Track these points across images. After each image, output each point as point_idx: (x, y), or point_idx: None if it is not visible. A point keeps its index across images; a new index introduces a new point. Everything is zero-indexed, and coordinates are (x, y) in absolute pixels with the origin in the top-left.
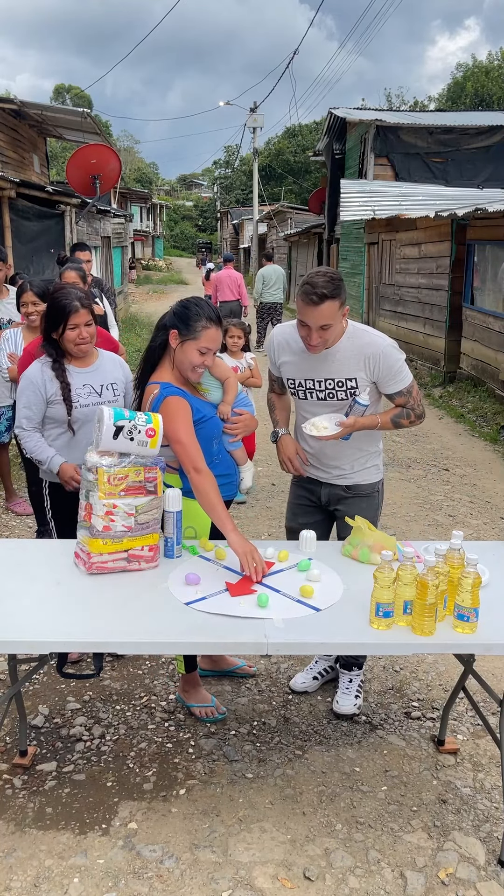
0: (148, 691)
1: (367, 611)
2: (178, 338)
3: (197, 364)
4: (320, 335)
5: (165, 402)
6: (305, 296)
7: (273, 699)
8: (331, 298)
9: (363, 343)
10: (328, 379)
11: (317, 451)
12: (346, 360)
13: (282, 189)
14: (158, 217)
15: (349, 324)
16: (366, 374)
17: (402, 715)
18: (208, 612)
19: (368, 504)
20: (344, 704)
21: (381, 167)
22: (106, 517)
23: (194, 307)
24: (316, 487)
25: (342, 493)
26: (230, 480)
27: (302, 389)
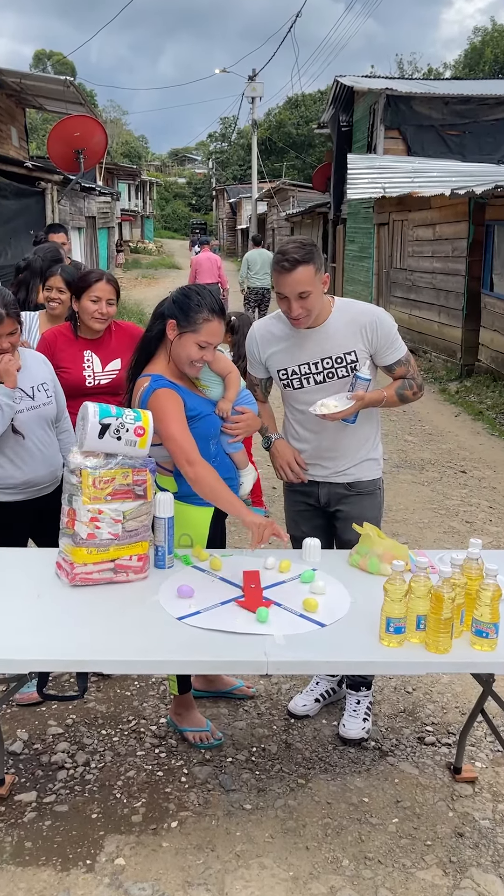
0: (137, 714)
1: (377, 626)
2: (176, 329)
3: (195, 359)
4: (301, 305)
5: (154, 396)
6: (277, 264)
7: (274, 723)
8: (304, 263)
9: (356, 312)
10: (324, 358)
11: (314, 444)
12: (341, 333)
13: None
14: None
15: (335, 299)
16: (364, 344)
17: (414, 740)
18: (203, 628)
19: (371, 503)
20: (351, 728)
21: (392, 140)
22: (90, 524)
23: (196, 296)
24: (313, 489)
25: (343, 492)
26: (229, 485)
27: (297, 377)
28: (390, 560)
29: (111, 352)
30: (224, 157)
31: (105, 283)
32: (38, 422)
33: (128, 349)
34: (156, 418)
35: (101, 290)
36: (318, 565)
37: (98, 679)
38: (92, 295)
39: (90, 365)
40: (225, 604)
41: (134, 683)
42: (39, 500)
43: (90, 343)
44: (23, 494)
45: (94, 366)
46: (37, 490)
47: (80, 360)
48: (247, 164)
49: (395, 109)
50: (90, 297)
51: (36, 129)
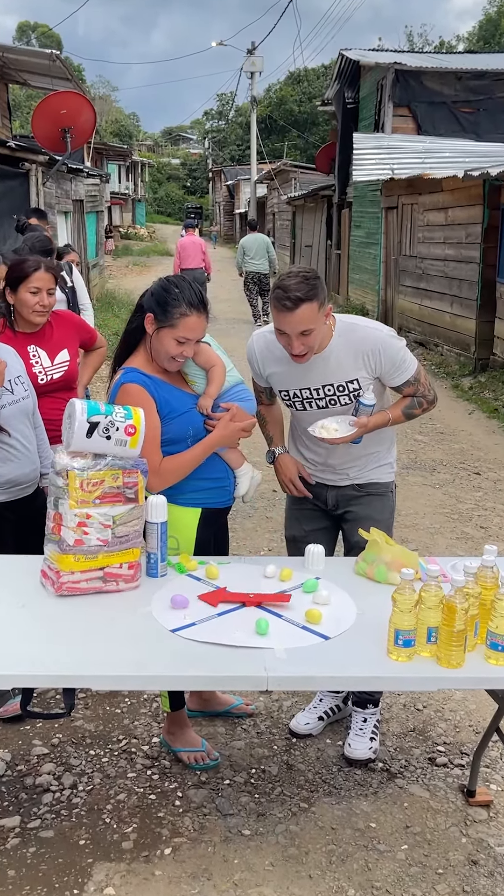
0: (127, 734)
1: (385, 639)
2: (154, 323)
3: (174, 354)
4: (302, 342)
5: (122, 391)
6: (278, 301)
7: (274, 743)
8: (307, 301)
9: (357, 339)
10: (326, 385)
11: (323, 458)
12: (343, 361)
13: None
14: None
15: (336, 319)
16: (367, 371)
17: (425, 761)
18: (198, 641)
19: (383, 505)
20: (357, 748)
21: (401, 118)
22: (78, 529)
23: (174, 289)
24: (321, 490)
25: (353, 493)
26: (220, 485)
27: (298, 400)
28: (399, 568)
29: (56, 343)
30: (221, 137)
31: (44, 271)
32: (19, 417)
33: (72, 339)
34: None
35: (41, 280)
36: (321, 573)
37: (86, 696)
38: (31, 286)
39: (38, 360)
40: (222, 615)
41: (124, 700)
42: (21, 502)
43: (31, 337)
44: (6, 494)
45: (42, 361)
46: (20, 489)
47: (25, 357)
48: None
49: (404, 85)
50: (29, 289)
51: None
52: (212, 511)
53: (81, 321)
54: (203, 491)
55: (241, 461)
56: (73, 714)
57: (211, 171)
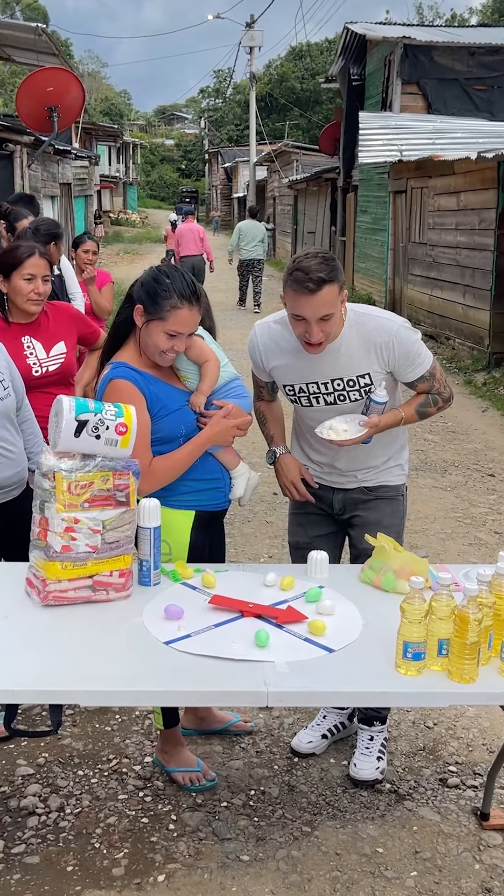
0: (118, 753)
1: (392, 652)
2: (144, 316)
3: (164, 349)
4: (321, 328)
5: (110, 387)
6: (298, 284)
7: (275, 762)
8: (329, 282)
9: (370, 329)
10: (335, 379)
11: (330, 459)
12: (354, 353)
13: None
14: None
15: (347, 310)
16: (379, 365)
17: (435, 782)
18: (193, 654)
19: (392, 509)
20: (363, 769)
21: (410, 96)
22: (65, 535)
23: (164, 280)
24: (326, 493)
25: (361, 496)
26: (214, 486)
27: (305, 395)
28: (408, 576)
29: (52, 334)
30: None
31: (38, 258)
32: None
33: (69, 331)
34: None
35: (35, 267)
36: (325, 582)
37: (74, 712)
38: (25, 273)
39: (33, 352)
40: (219, 626)
41: (115, 717)
42: (5, 507)
43: (26, 328)
44: None
45: (38, 352)
46: (4, 493)
47: (19, 348)
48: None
49: (413, 61)
50: (22, 276)
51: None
52: (206, 514)
53: (80, 314)
54: (196, 492)
55: (237, 461)
56: (59, 732)
57: (207, 152)
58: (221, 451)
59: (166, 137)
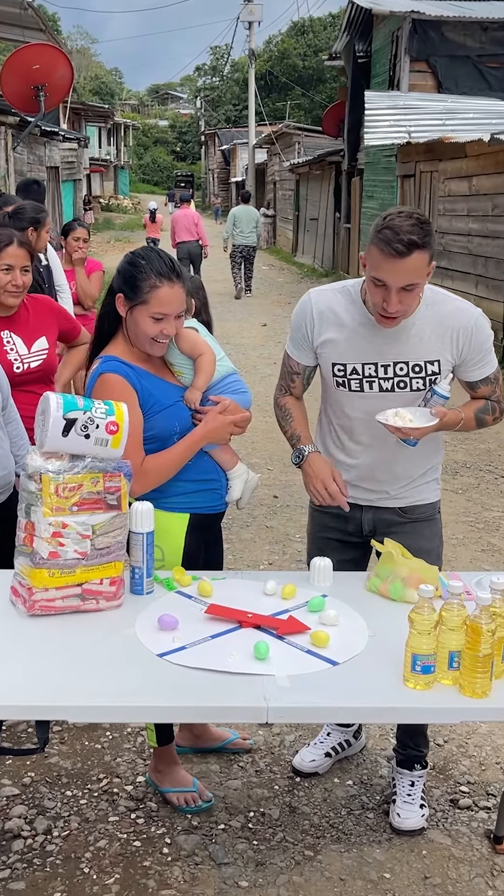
0: (108, 772)
1: (400, 665)
2: (125, 304)
3: (153, 335)
4: (402, 300)
5: (100, 382)
6: (387, 244)
7: (275, 782)
8: (420, 248)
9: (448, 312)
10: (399, 363)
11: (365, 462)
12: (427, 335)
13: (287, 104)
14: (123, 141)
15: (425, 289)
16: (451, 353)
17: (446, 803)
18: (189, 667)
19: (430, 531)
20: (408, 818)
21: (419, 74)
22: (53, 540)
23: (139, 261)
24: (354, 513)
25: (394, 518)
26: (209, 487)
27: (357, 378)
28: (417, 584)
29: (33, 329)
30: (215, 96)
31: (17, 247)
32: None
33: (50, 326)
34: None
35: (13, 257)
36: (329, 590)
37: (61, 729)
38: (2, 263)
39: (13, 348)
40: (216, 637)
41: (105, 734)
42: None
43: (5, 322)
44: None
45: (18, 348)
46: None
47: None
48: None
49: (422, 37)
50: (0, 267)
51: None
52: (201, 517)
53: (61, 308)
54: (190, 494)
55: (235, 461)
56: (46, 750)
57: (203, 134)
58: (218, 449)
59: (160, 118)
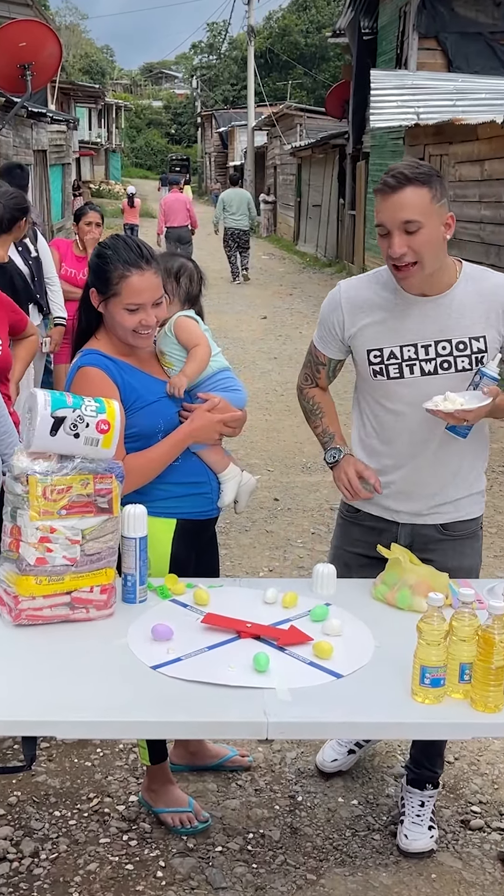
0: (99, 791)
1: (408, 677)
2: (98, 297)
3: (132, 327)
4: (407, 242)
5: (79, 375)
6: (380, 184)
7: (276, 802)
8: (416, 183)
9: (492, 285)
10: (441, 341)
11: (404, 466)
12: (468, 310)
13: (288, 84)
14: (114, 123)
15: (463, 264)
16: (499, 329)
17: (457, 824)
18: (184, 680)
19: (472, 549)
20: (416, 839)
21: (428, 52)
22: (40, 545)
23: (106, 252)
24: (391, 527)
25: (435, 535)
26: (198, 491)
27: (395, 363)
28: (426, 592)
29: None
30: (212, 75)
31: None
32: None
33: (1, 321)
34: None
35: None
36: (332, 599)
37: (49, 745)
38: None
39: None
40: (213, 648)
41: (96, 751)
42: None
43: None
44: None
45: None
46: None
47: None
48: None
49: (431, 12)
50: None
51: None
52: (189, 523)
53: (7, 299)
54: (177, 498)
55: (226, 463)
56: (33, 767)
57: (200, 115)
58: (207, 450)
59: (154, 99)
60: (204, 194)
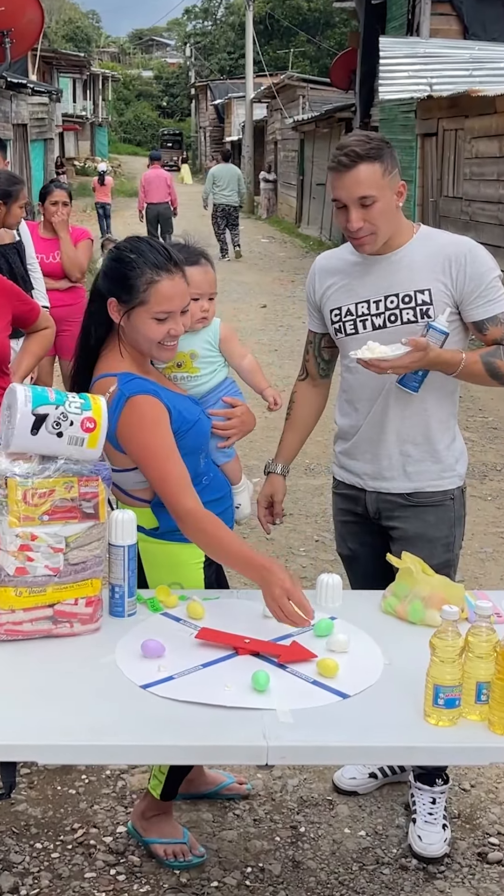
0: (84, 821)
1: (420, 698)
2: (120, 309)
3: (160, 338)
4: (363, 216)
5: (130, 407)
6: (332, 161)
7: (276, 833)
8: (367, 160)
9: (442, 242)
10: (389, 295)
11: (359, 425)
12: (418, 265)
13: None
14: (101, 95)
15: (420, 226)
16: (445, 283)
17: (473, 857)
18: (177, 700)
19: (439, 518)
20: (432, 842)
21: (442, 18)
22: (20, 554)
23: (129, 255)
24: (360, 494)
25: (398, 501)
26: (223, 508)
27: (351, 320)
28: (440, 605)
29: None
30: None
31: None
32: None
33: (2, 308)
34: (135, 437)
35: None
36: (338, 611)
37: (30, 772)
38: None
39: None
40: (208, 666)
41: (81, 778)
42: None
43: None
44: None
45: None
46: None
47: None
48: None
49: None
50: None
51: None
52: None
53: (15, 287)
54: None
55: (241, 475)
56: (13, 796)
57: (194, 87)
58: (231, 462)
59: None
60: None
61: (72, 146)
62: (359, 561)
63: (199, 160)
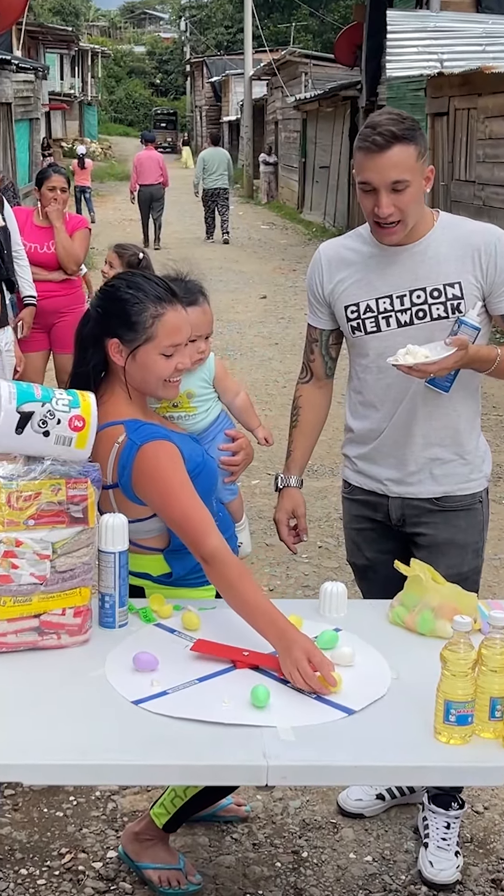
0: (72, 845)
1: (431, 714)
2: (124, 348)
3: (168, 374)
4: (395, 201)
5: (144, 455)
6: (363, 140)
7: (277, 858)
8: (403, 140)
9: (468, 231)
10: (415, 290)
11: (382, 429)
12: (444, 256)
13: (291, 26)
14: (90, 72)
15: (439, 213)
16: (475, 276)
17: (487, 883)
18: (171, 717)
19: (469, 522)
20: (444, 868)
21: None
22: (4, 561)
23: (127, 291)
24: (381, 500)
25: (426, 507)
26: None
27: (372, 316)
28: (451, 615)
29: None
30: (203, 16)
31: None
32: None
33: None
34: (153, 484)
35: None
36: (343, 622)
37: (15, 793)
38: None
39: None
40: (204, 680)
41: (68, 800)
42: None
43: None
44: None
45: None
46: None
47: None
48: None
49: None
50: None
51: None
52: None
53: None
54: None
55: (243, 513)
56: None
57: (189, 63)
58: (236, 500)
59: (135, 44)
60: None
61: (59, 126)
62: (377, 570)
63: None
